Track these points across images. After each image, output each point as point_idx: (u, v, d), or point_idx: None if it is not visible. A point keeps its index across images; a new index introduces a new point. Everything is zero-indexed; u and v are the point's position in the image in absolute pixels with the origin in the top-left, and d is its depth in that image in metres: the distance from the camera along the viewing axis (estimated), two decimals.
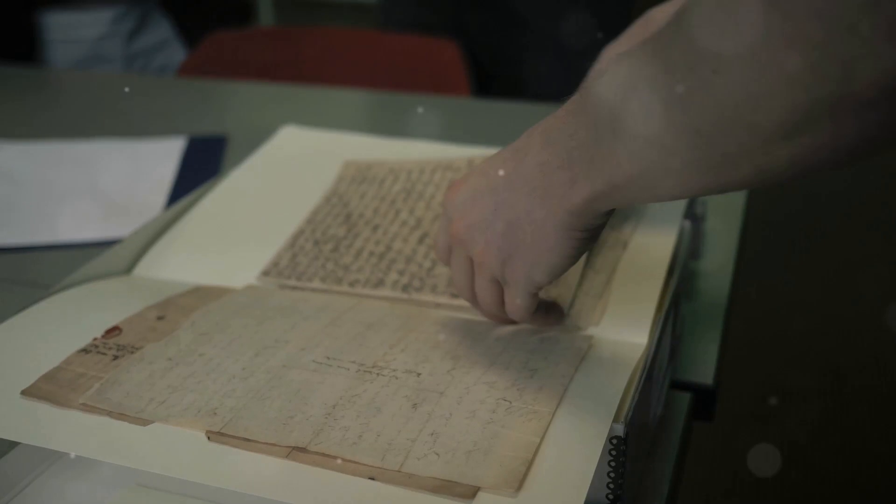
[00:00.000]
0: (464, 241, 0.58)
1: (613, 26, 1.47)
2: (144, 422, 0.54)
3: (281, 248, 0.76)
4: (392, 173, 0.84)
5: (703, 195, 0.50)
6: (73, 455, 0.56)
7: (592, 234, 0.53)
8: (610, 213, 0.52)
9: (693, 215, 0.80)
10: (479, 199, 0.56)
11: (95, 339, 0.63)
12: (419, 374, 0.57)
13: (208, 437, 0.52)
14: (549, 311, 0.63)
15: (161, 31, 1.78)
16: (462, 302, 0.66)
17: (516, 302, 0.58)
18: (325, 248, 0.75)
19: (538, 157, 0.52)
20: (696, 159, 0.43)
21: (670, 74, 0.42)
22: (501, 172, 0.55)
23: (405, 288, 0.70)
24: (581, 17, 1.54)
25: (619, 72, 0.46)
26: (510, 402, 0.54)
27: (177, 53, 1.79)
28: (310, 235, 0.77)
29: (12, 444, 0.60)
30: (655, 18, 0.69)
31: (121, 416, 0.54)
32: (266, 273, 0.74)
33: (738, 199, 1.03)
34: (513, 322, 0.63)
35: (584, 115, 0.49)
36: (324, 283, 0.72)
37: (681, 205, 0.75)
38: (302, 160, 0.91)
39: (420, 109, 1.40)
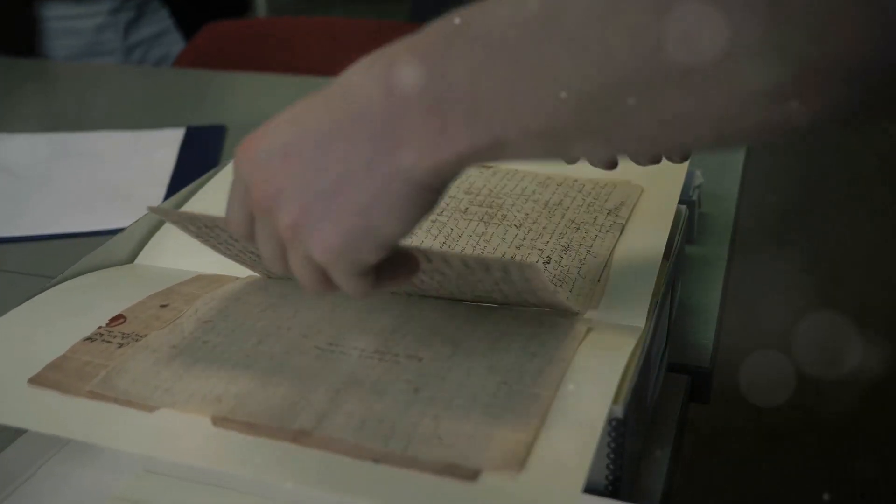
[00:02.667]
0: (270, 210, 0.46)
1: None
2: (151, 408, 0.55)
3: None
4: None
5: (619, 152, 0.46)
6: (80, 442, 0.57)
7: (441, 195, 0.45)
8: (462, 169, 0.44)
9: (688, 200, 0.81)
10: (291, 155, 0.45)
11: (100, 327, 0.63)
12: (420, 359, 0.58)
13: (213, 423, 0.53)
14: (396, 266, 0.50)
15: (159, 21, 1.78)
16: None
17: (347, 284, 0.48)
18: None
19: (386, 99, 0.43)
20: (631, 114, 0.38)
21: (600, 11, 0.38)
22: (328, 117, 0.45)
23: None
24: None
25: (521, 1, 0.40)
26: (510, 386, 0.55)
27: (175, 44, 1.80)
28: None
29: (19, 432, 0.60)
30: None
31: (127, 403, 0.55)
32: None
33: (732, 184, 1.04)
34: None
35: (461, 52, 0.42)
36: None
37: (677, 189, 0.76)
38: None
39: None
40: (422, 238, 0.74)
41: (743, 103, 0.37)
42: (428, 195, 0.44)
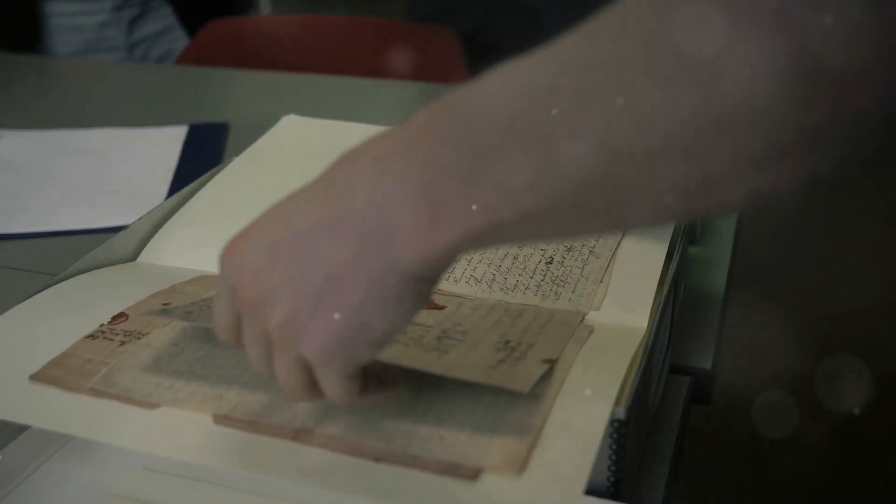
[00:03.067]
0: (259, 310, 0.45)
1: None
2: (152, 406, 0.55)
3: None
4: None
5: (619, 229, 0.45)
6: (79, 439, 0.57)
7: (436, 285, 0.44)
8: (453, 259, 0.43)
9: None
10: (279, 255, 0.44)
11: (102, 325, 0.63)
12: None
13: (214, 421, 0.53)
14: (383, 380, 0.50)
15: (163, 19, 1.78)
16: (469, 288, 0.67)
17: (334, 387, 0.46)
18: None
19: (373, 190, 0.42)
20: (629, 186, 0.38)
21: (592, 89, 0.37)
22: (314, 215, 0.43)
23: None
24: (596, 10, 1.54)
25: (515, 79, 0.40)
26: None
27: (179, 41, 1.79)
28: None
29: (21, 429, 0.60)
30: None
31: (128, 401, 0.55)
32: None
33: None
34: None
35: (449, 138, 0.40)
36: None
37: None
38: (304, 148, 0.92)
39: (419, 97, 1.41)
40: None
41: (738, 169, 0.36)
42: (422, 287, 0.43)
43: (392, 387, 0.50)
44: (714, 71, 0.34)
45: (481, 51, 1.64)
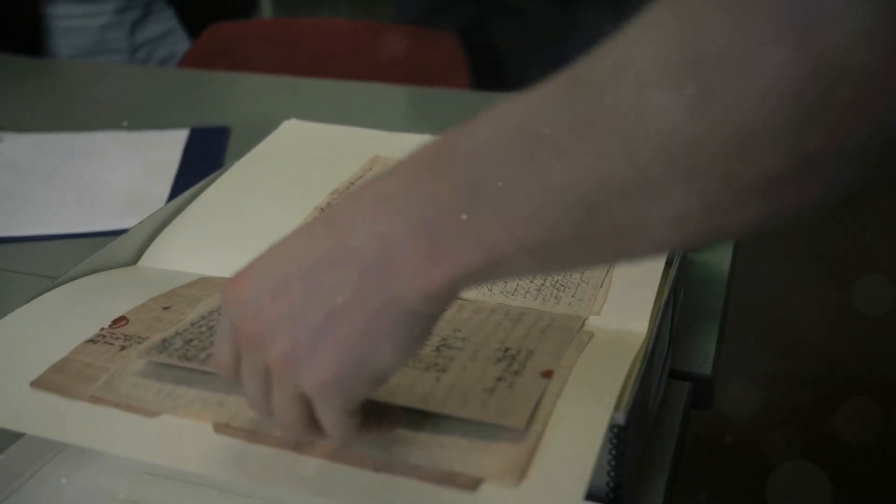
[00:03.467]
0: (259, 346, 0.45)
1: (615, 23, 1.46)
2: (152, 414, 0.55)
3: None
4: None
5: (618, 261, 0.44)
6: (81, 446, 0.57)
7: (430, 325, 0.44)
8: (456, 295, 0.43)
9: None
10: (280, 291, 0.44)
11: (102, 329, 0.63)
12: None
13: (215, 430, 0.53)
14: (382, 417, 0.50)
15: (165, 21, 1.78)
16: (470, 291, 0.67)
17: (334, 423, 0.46)
18: None
19: (373, 227, 0.42)
20: (630, 217, 0.37)
21: (590, 119, 0.37)
22: (315, 251, 0.44)
23: None
24: (597, 16, 1.55)
25: (512, 113, 0.40)
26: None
27: (181, 44, 1.80)
28: None
29: (19, 434, 0.60)
30: None
31: (129, 409, 0.55)
32: None
33: None
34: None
35: (448, 173, 0.41)
36: None
37: None
38: (305, 152, 0.92)
39: (421, 102, 1.41)
40: None
41: (738, 195, 0.36)
42: (422, 322, 0.43)
43: (392, 423, 0.50)
44: (727, 87, 0.34)
45: (470, 52, 1.64)
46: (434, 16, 1.69)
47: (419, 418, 0.53)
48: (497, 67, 1.65)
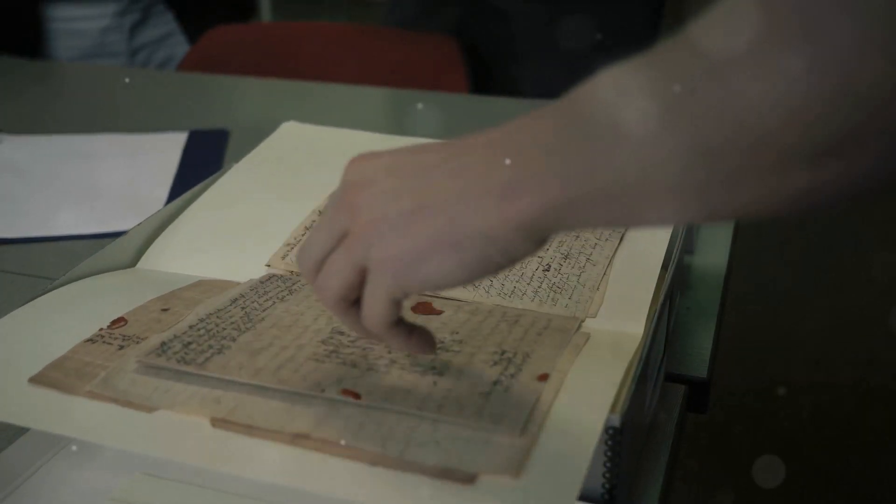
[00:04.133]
0: (354, 207, 0.49)
1: (612, 25, 1.47)
2: (150, 409, 0.55)
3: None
4: None
5: (690, 221, 0.47)
6: (78, 442, 0.57)
7: (500, 261, 0.47)
8: (536, 245, 0.46)
9: None
10: (393, 173, 0.48)
11: (101, 329, 0.64)
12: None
13: (212, 424, 0.54)
14: (411, 334, 0.53)
15: (164, 24, 1.78)
16: (467, 293, 0.68)
17: (374, 305, 0.49)
18: None
19: (486, 152, 0.46)
20: (696, 176, 0.39)
21: (674, 79, 0.39)
22: (434, 156, 0.48)
23: None
24: (582, 17, 1.55)
25: (610, 77, 0.42)
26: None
27: (180, 47, 1.80)
28: None
29: (19, 433, 0.61)
30: None
31: (127, 404, 0.55)
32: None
33: None
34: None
35: (556, 118, 0.44)
36: None
37: None
38: (303, 155, 0.92)
39: (419, 105, 1.41)
40: None
41: (784, 165, 0.38)
42: (491, 250, 0.46)
43: (420, 345, 0.53)
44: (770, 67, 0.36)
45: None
46: (422, 18, 1.70)
47: (415, 416, 0.53)
48: (484, 69, 1.66)
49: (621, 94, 0.41)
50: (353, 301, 0.51)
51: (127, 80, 1.52)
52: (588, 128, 0.42)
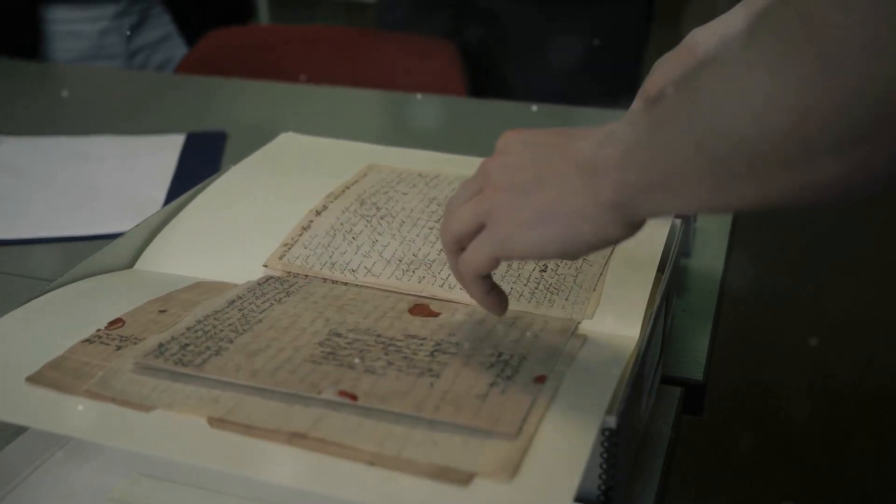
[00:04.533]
0: (488, 170, 0.56)
1: (605, 29, 1.47)
2: (148, 408, 0.55)
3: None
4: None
5: (736, 208, 0.49)
6: (76, 441, 0.57)
7: (591, 239, 0.51)
8: (625, 228, 0.51)
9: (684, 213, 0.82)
10: (527, 147, 0.55)
11: (99, 330, 0.64)
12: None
13: (210, 424, 0.54)
14: (491, 291, 0.60)
15: (162, 27, 1.78)
16: (465, 295, 0.68)
17: (477, 253, 0.56)
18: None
19: (593, 139, 0.52)
20: (729, 166, 0.43)
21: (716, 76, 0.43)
22: (562, 138, 0.54)
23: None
24: (574, 20, 1.56)
25: (671, 84, 0.47)
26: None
27: (178, 49, 1.80)
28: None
29: (17, 433, 0.61)
30: (697, 39, 0.69)
31: (124, 403, 0.56)
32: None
33: None
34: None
35: (643, 114, 0.49)
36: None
37: None
38: (302, 159, 0.92)
39: (417, 109, 1.41)
40: (419, 245, 0.74)
41: (811, 155, 0.40)
42: (583, 225, 0.51)
43: (494, 304, 0.60)
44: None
45: None
46: (414, 21, 1.70)
47: (412, 416, 0.53)
48: (476, 71, 1.66)
49: (675, 98, 0.46)
50: (463, 247, 0.57)
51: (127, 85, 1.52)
52: (655, 123, 0.48)
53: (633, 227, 0.51)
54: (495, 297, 0.60)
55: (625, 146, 0.49)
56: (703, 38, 0.68)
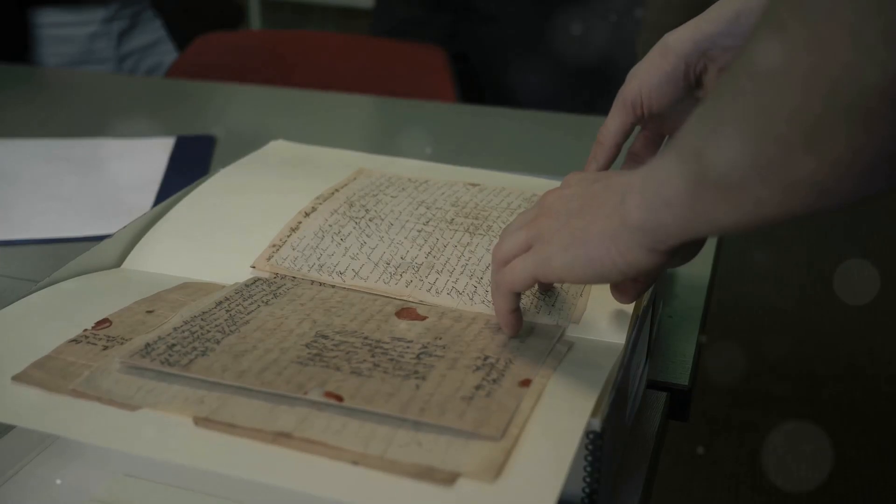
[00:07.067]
0: (546, 202, 0.60)
1: (597, 34, 1.48)
2: (133, 407, 0.55)
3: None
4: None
5: (749, 226, 0.49)
6: (61, 440, 0.57)
7: (621, 264, 0.53)
8: (651, 255, 0.52)
9: None
10: (582, 181, 0.59)
11: (86, 330, 0.64)
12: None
13: (195, 423, 0.54)
14: (515, 311, 0.62)
15: (153, 31, 1.79)
16: (452, 300, 0.68)
17: (517, 269, 0.59)
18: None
19: (626, 176, 0.54)
20: (715, 182, 0.44)
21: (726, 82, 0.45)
22: (616, 175, 0.57)
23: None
24: (565, 24, 1.57)
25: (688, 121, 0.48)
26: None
27: (168, 54, 1.80)
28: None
29: (1, 433, 0.61)
30: (669, 43, 0.69)
31: (110, 402, 0.56)
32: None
33: None
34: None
35: (669, 149, 0.50)
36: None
37: None
38: (291, 164, 0.92)
39: (407, 114, 1.42)
40: (407, 248, 0.74)
41: (832, 126, 0.39)
42: (612, 250, 0.53)
43: (514, 326, 0.63)
44: None
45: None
46: (410, 26, 1.71)
47: (397, 417, 0.53)
48: (473, 75, 1.67)
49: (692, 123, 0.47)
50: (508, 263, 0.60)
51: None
52: (675, 141, 0.49)
53: (661, 253, 0.52)
54: (516, 318, 0.62)
55: (647, 169, 0.51)
56: (675, 41, 0.68)
